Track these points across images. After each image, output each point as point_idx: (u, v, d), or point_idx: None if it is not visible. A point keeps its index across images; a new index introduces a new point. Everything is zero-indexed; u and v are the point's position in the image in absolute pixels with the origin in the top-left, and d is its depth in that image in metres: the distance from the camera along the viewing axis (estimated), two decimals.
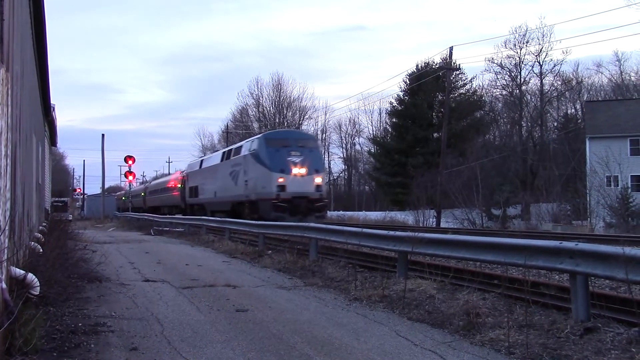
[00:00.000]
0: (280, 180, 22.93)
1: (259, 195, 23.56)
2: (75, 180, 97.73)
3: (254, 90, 69.64)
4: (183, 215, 34.60)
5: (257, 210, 23.53)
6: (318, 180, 23.88)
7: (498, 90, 57.36)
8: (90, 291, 8.75)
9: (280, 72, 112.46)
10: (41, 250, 9.68)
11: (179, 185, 40.09)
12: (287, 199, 22.66)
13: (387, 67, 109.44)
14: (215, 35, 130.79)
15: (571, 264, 6.09)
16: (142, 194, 56.73)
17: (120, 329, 6.27)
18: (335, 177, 76.38)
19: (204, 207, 32.31)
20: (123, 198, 64.15)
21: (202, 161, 36.40)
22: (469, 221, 34.01)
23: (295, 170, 23.35)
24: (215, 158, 32.67)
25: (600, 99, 56.49)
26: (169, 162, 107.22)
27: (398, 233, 9.64)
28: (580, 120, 54.29)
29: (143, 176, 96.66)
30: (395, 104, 58.61)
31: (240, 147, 27.59)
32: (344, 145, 76.22)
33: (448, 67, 41.06)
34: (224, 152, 31.01)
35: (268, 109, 69.18)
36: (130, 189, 60.12)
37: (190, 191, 36.15)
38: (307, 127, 69.17)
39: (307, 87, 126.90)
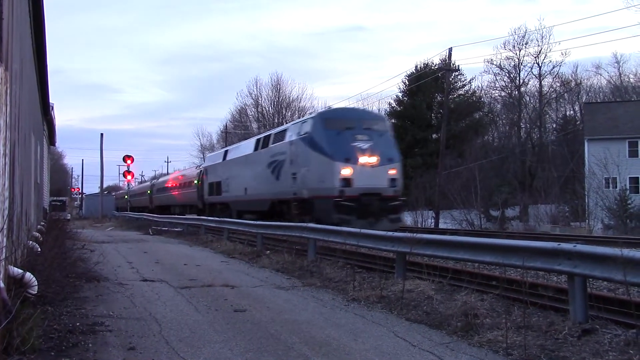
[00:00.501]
0: (345, 172, 17.75)
1: (314, 192, 18.22)
2: (73, 180, 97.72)
3: (253, 90, 69.61)
4: (199, 215, 29.81)
5: (310, 210, 18.43)
6: (392, 171, 18.49)
7: (497, 91, 57.45)
8: (88, 291, 8.74)
9: (280, 72, 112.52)
10: (39, 250, 9.68)
11: (195, 182, 35.06)
12: (353, 196, 17.51)
13: (387, 68, 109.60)
14: (214, 35, 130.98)
15: (569, 265, 6.10)
16: (148, 192, 52.79)
17: (118, 329, 6.27)
18: None
19: (229, 207, 27.04)
20: (125, 197, 63.21)
21: (226, 152, 29.99)
22: (468, 222, 34.05)
23: (364, 159, 18.06)
24: (245, 147, 26.67)
25: (599, 100, 56.52)
26: (167, 162, 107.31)
27: (396, 234, 9.64)
28: (579, 122, 54.35)
29: (142, 176, 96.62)
30: (394, 104, 58.62)
31: (284, 131, 21.86)
32: None
33: (447, 68, 41.06)
34: (258, 140, 24.83)
35: (267, 109, 69.15)
36: (129, 188, 59.98)
37: (210, 188, 30.57)
38: None
39: (306, 88, 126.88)
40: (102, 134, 51.92)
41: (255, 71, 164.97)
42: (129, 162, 49.80)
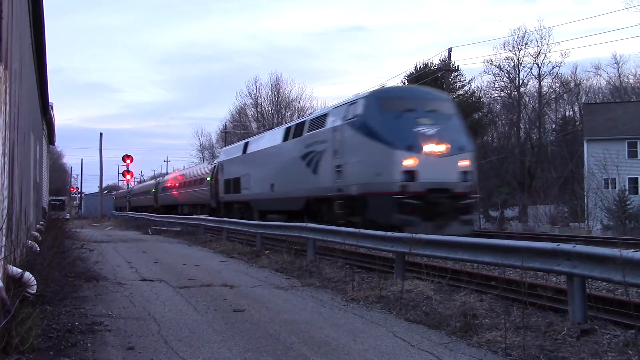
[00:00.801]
0: (408, 162, 14.72)
1: (367, 188, 15.36)
2: (72, 179, 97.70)
3: (253, 90, 69.60)
4: (211, 216, 27.39)
5: (361, 209, 15.56)
6: (464, 162, 15.40)
7: (496, 91, 57.44)
8: (87, 290, 8.74)
9: (279, 72, 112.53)
10: (38, 249, 9.67)
11: (208, 179, 32.26)
12: (418, 192, 14.47)
13: (387, 68, 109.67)
14: (214, 35, 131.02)
15: (568, 266, 6.10)
16: (153, 190, 49.86)
17: (117, 328, 6.26)
18: None
19: (249, 206, 24.16)
20: (128, 196, 62.74)
21: (247, 144, 26.48)
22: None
23: (430, 148, 14.99)
24: (271, 138, 23.44)
25: (598, 101, 56.58)
26: (167, 162, 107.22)
27: (396, 234, 9.64)
28: (578, 123, 54.42)
29: (141, 175, 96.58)
30: None
31: (324, 116, 18.61)
32: None
33: (447, 69, 41.10)
34: (288, 129, 21.61)
35: (266, 109, 69.15)
36: (128, 187, 59.90)
37: (226, 185, 27.47)
38: None
39: (305, 87, 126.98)
40: (101, 134, 51.84)
41: (255, 71, 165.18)
42: (128, 161, 49.83)
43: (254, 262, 13.09)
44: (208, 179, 32.32)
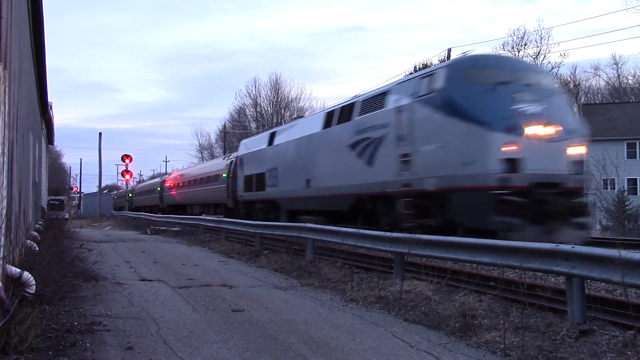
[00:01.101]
0: (509, 148, 11.47)
1: (453, 181, 12.09)
2: (72, 179, 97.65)
3: (252, 90, 69.60)
4: (228, 217, 24.40)
5: (444, 209, 12.39)
6: (577, 150, 12.26)
7: None
8: (86, 290, 8.73)
9: (279, 72, 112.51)
10: (37, 249, 9.68)
11: (224, 175, 29.35)
12: (523, 187, 11.38)
13: (386, 68, 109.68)
14: (214, 35, 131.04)
15: (567, 266, 6.10)
16: (158, 189, 46.91)
17: (116, 328, 6.26)
18: None
19: (276, 206, 21.43)
20: (130, 195, 62.10)
21: (273, 134, 22.95)
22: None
23: (535, 130, 11.69)
24: (306, 125, 20.04)
25: (597, 102, 56.62)
26: (166, 162, 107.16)
27: (395, 234, 9.64)
28: None
29: (140, 175, 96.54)
30: None
31: (382, 94, 15.23)
32: None
33: None
34: (330, 113, 18.09)
35: (266, 109, 69.17)
36: (127, 187, 59.82)
37: (246, 182, 24.33)
38: None
39: (305, 87, 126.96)
40: (100, 133, 51.64)
41: (254, 71, 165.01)
42: (127, 161, 49.74)
43: (253, 262, 13.10)
44: (224, 175, 29.46)
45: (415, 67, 55.69)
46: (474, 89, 12.34)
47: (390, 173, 14.08)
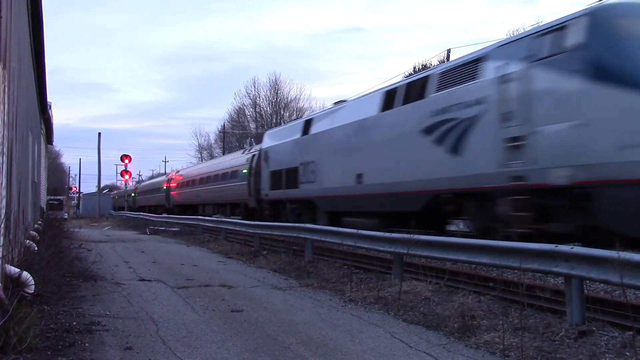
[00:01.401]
0: None
1: (601, 172, 9.10)
2: (71, 179, 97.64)
3: (251, 91, 69.48)
4: (247, 219, 20.80)
5: (585, 211, 9.47)
6: None
7: None
8: (85, 290, 8.73)
9: (278, 72, 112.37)
10: (36, 249, 9.67)
11: (244, 171, 26.28)
12: None
13: (386, 69, 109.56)
14: (213, 35, 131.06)
15: (566, 267, 6.11)
16: (164, 187, 43.48)
17: (115, 328, 6.26)
18: None
19: (313, 206, 18.56)
20: (132, 194, 61.67)
21: (308, 122, 19.93)
22: (465, 223, 33.93)
23: None
24: (356, 108, 16.84)
25: None
26: (165, 162, 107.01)
27: (394, 235, 9.64)
28: None
29: (139, 175, 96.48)
30: None
31: (474, 62, 12.27)
32: None
33: None
34: (390, 92, 15.17)
35: (265, 109, 69.13)
36: (126, 187, 59.78)
37: (273, 178, 21.47)
38: None
39: (304, 88, 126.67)
40: (99, 133, 51.57)
41: (253, 71, 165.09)
42: (126, 161, 49.70)
43: (252, 263, 13.09)
44: (244, 171, 26.30)
45: (414, 67, 55.89)
46: (630, 44, 9.28)
47: (488, 163, 11.24)
